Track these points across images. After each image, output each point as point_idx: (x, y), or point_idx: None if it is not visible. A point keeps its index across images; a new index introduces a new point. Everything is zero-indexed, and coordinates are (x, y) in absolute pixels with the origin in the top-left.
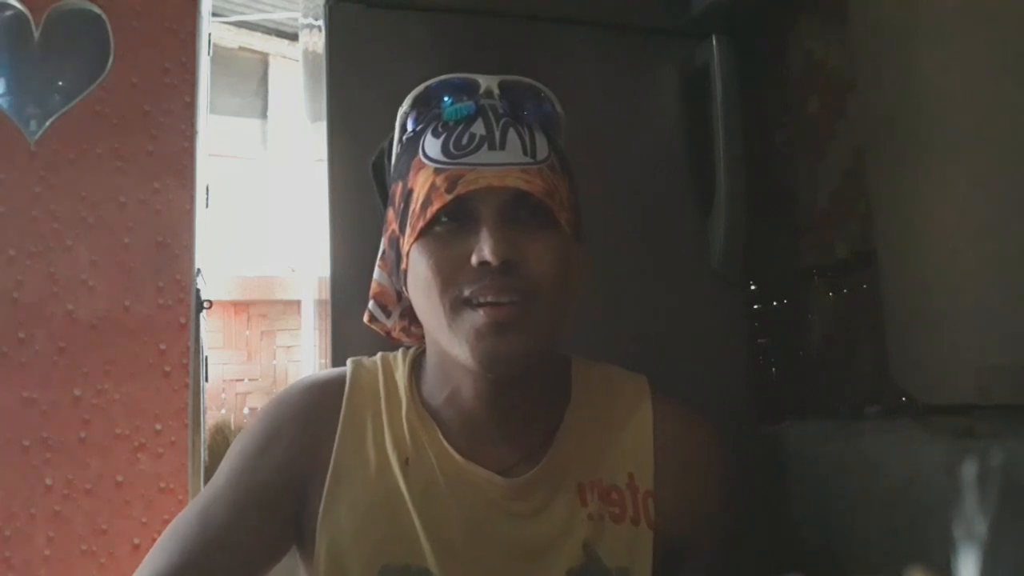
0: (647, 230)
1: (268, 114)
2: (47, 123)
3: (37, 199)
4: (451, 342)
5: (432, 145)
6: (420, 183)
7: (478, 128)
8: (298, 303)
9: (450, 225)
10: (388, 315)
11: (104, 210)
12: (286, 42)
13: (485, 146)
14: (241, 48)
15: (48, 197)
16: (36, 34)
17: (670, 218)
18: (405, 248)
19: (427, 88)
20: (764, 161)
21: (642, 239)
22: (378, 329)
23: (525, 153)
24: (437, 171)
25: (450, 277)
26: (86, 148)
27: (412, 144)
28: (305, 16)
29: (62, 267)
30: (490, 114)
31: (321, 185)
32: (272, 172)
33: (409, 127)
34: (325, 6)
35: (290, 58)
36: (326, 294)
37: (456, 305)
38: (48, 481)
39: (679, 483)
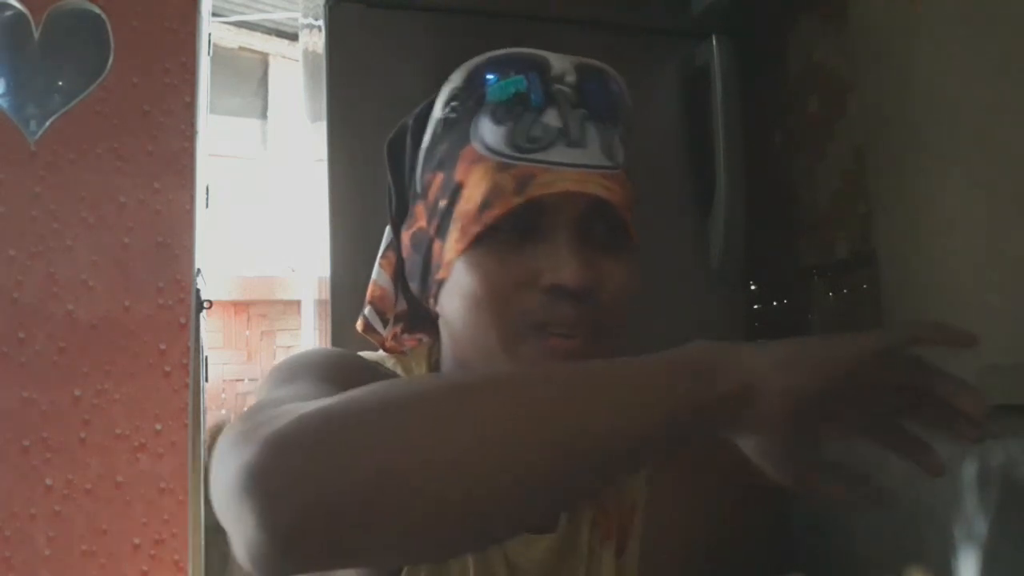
0: (647, 230)
1: (268, 114)
2: (47, 123)
3: (37, 199)
4: None
5: (493, 134)
6: (476, 179)
7: (551, 118)
8: (298, 303)
9: (511, 235)
10: (385, 323)
11: (104, 210)
12: (286, 42)
13: (562, 142)
14: (241, 48)
15: (48, 197)
16: (36, 34)
17: (670, 218)
18: (448, 256)
19: (487, 60)
20: (764, 161)
21: (642, 239)
22: (374, 340)
23: (605, 155)
24: (501, 167)
25: (510, 299)
26: (86, 148)
27: (457, 129)
28: (305, 16)
29: (62, 267)
30: (564, 103)
31: (321, 185)
32: (272, 172)
33: (452, 107)
34: (325, 6)
35: (290, 58)
36: (326, 294)
37: (515, 332)
38: (48, 481)
39: (680, 501)
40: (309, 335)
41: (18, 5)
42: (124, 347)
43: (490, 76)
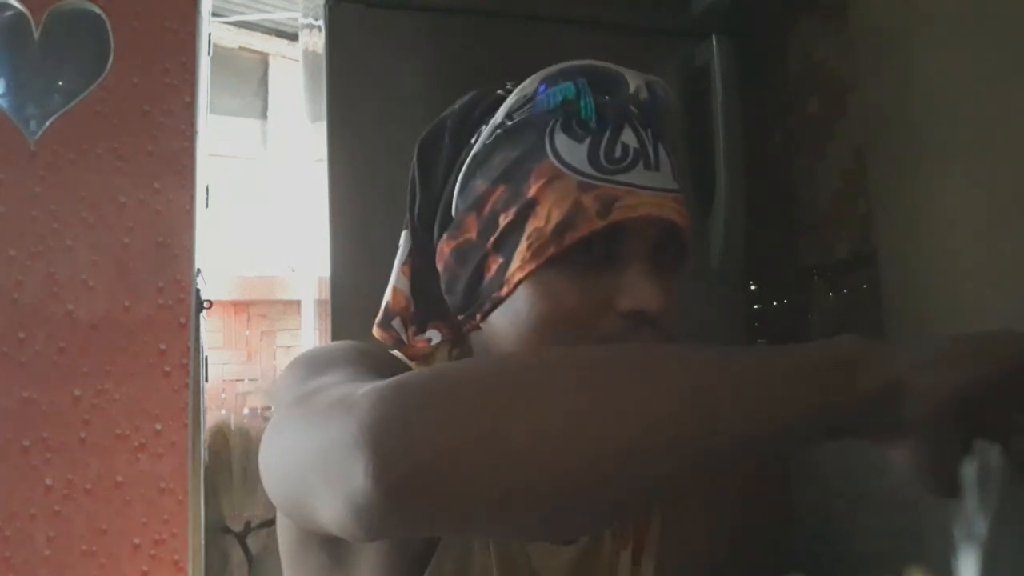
0: None
1: (268, 114)
2: (47, 123)
3: (37, 199)
4: None
5: (573, 151)
6: (555, 197)
7: (628, 138)
8: (298, 303)
9: (586, 256)
10: (406, 332)
11: (104, 210)
12: (286, 42)
13: (640, 163)
14: (241, 48)
15: (48, 197)
16: (36, 34)
17: None
18: (513, 274)
19: (557, 70)
20: (764, 161)
21: None
22: (402, 351)
23: (674, 177)
24: (584, 187)
25: (584, 323)
26: (86, 148)
27: (524, 140)
28: (305, 16)
29: (62, 267)
30: (636, 122)
31: (321, 185)
32: (272, 172)
33: (515, 115)
34: (325, 6)
35: (290, 58)
36: (326, 294)
37: None
38: (48, 481)
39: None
40: (309, 335)
41: (18, 5)
42: (124, 347)
43: (542, 85)
